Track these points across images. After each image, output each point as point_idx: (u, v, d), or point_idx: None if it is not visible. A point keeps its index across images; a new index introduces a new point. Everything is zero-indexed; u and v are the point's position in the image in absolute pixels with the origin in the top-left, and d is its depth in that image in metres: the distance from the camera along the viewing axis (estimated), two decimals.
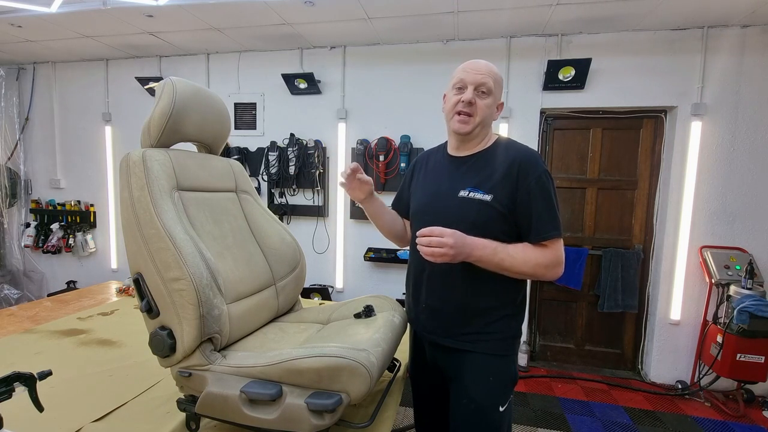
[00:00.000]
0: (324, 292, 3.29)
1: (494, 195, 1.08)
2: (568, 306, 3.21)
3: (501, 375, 1.14)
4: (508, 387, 1.15)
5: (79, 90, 3.84)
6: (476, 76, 1.10)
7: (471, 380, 1.13)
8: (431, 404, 1.32)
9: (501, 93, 1.17)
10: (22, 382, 0.83)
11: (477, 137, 1.16)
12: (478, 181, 1.11)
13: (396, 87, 3.19)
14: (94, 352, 1.58)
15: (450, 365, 1.18)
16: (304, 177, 3.31)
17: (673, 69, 2.77)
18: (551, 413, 2.52)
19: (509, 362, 1.15)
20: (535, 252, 1.08)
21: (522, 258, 1.06)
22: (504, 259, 1.05)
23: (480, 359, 1.12)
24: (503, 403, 1.13)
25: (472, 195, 1.10)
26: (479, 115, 1.11)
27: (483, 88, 1.10)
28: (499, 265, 1.06)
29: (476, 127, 1.12)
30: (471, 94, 1.10)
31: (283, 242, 1.41)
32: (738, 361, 2.47)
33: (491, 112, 1.14)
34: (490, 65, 1.14)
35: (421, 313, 1.22)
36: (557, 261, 1.09)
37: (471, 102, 1.10)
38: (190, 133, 1.18)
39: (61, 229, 3.89)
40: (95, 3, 2.66)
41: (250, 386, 0.94)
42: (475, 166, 1.15)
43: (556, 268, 1.10)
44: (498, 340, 1.13)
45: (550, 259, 1.08)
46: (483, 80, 1.10)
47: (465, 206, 1.10)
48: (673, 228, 2.85)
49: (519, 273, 1.08)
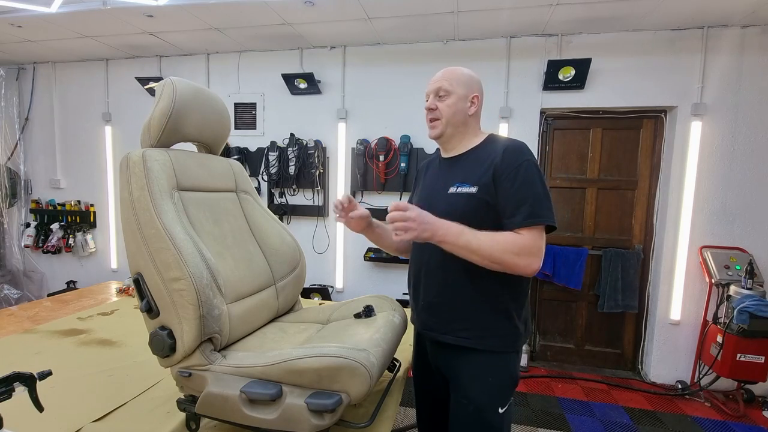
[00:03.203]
0: (324, 292, 3.29)
1: (479, 186, 1.09)
2: (568, 306, 3.21)
3: (500, 375, 1.12)
4: (508, 388, 1.13)
5: (79, 90, 3.84)
6: (432, 86, 1.20)
7: (469, 380, 1.12)
8: (433, 405, 1.31)
9: (468, 88, 1.18)
10: (22, 382, 0.83)
11: (455, 136, 1.20)
12: (464, 176, 1.13)
13: (396, 87, 3.19)
14: (94, 352, 1.58)
15: (449, 363, 1.17)
16: (304, 177, 3.31)
17: (673, 69, 2.77)
18: (551, 413, 2.52)
19: (509, 362, 1.13)
20: (506, 237, 1.02)
21: (489, 242, 1.00)
22: (470, 241, 1.00)
23: (478, 357, 1.11)
24: (503, 405, 1.11)
25: (460, 190, 1.12)
26: (444, 115, 1.17)
27: (440, 92, 1.18)
28: (466, 247, 1.01)
29: (446, 127, 1.18)
30: (430, 101, 1.20)
31: (283, 242, 1.41)
32: (738, 361, 2.47)
33: (457, 108, 1.17)
34: (449, 69, 1.20)
35: (421, 311, 1.22)
36: (529, 250, 1.01)
37: (432, 108, 1.19)
38: (190, 133, 1.18)
39: (61, 229, 3.89)
40: (95, 3, 2.66)
41: (250, 386, 0.94)
42: (465, 164, 1.17)
43: (529, 258, 1.01)
44: (495, 338, 1.11)
45: (521, 246, 1.00)
46: (437, 85, 1.18)
47: (453, 201, 1.12)
48: (673, 228, 2.85)
49: (487, 259, 1.01)
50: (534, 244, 1.02)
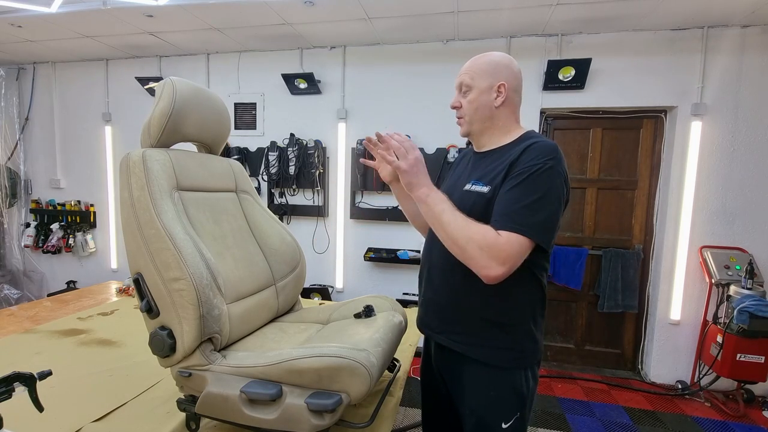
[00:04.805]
0: (324, 292, 3.29)
1: (492, 186, 1.01)
2: (568, 306, 3.21)
3: (502, 390, 1.04)
4: (513, 404, 1.05)
5: (79, 90, 3.84)
6: (456, 81, 1.14)
7: (469, 391, 1.08)
8: (437, 409, 1.29)
9: (493, 77, 1.08)
10: (22, 382, 0.83)
11: (484, 132, 1.12)
12: (482, 173, 1.07)
13: (396, 87, 3.19)
14: (94, 352, 1.58)
15: (450, 369, 1.14)
16: (304, 177, 3.31)
17: (673, 69, 2.77)
18: (551, 413, 2.52)
19: (515, 377, 1.04)
20: (480, 228, 0.92)
21: (461, 223, 0.94)
22: (445, 211, 0.96)
23: (479, 369, 1.05)
24: (507, 421, 1.04)
25: (473, 188, 1.06)
26: (466, 113, 1.12)
27: (463, 87, 1.12)
28: (438, 217, 0.97)
29: (470, 125, 1.12)
30: (455, 98, 1.14)
31: (283, 242, 1.41)
32: (738, 361, 2.47)
33: (480, 103, 1.08)
34: (473, 59, 1.13)
35: (420, 306, 1.21)
36: (497, 252, 0.89)
37: (455, 106, 1.14)
38: (190, 133, 1.18)
39: (61, 229, 3.89)
40: (95, 3, 2.66)
41: (250, 386, 0.94)
42: (487, 161, 1.10)
43: (492, 261, 0.89)
44: (498, 349, 1.03)
45: (490, 244, 0.89)
46: (461, 80, 1.12)
47: (464, 199, 1.06)
48: (673, 228, 2.85)
49: (450, 239, 0.95)
50: (506, 249, 0.89)
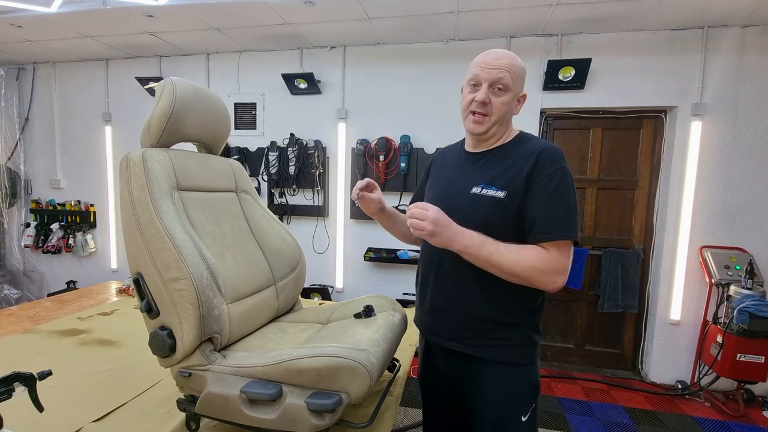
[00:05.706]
0: (324, 292, 3.29)
1: (508, 191, 0.99)
2: (568, 306, 3.21)
3: (520, 384, 1.06)
4: (529, 396, 1.07)
5: (79, 90, 3.84)
6: (491, 73, 1.00)
7: (488, 390, 1.06)
8: (441, 412, 1.27)
9: (522, 84, 1.05)
10: (22, 382, 0.83)
11: (495, 136, 1.08)
12: (492, 176, 1.03)
13: (396, 87, 3.19)
14: (94, 352, 1.58)
15: (464, 374, 1.11)
16: (304, 177, 3.31)
17: (673, 69, 2.77)
18: (551, 413, 2.52)
19: (529, 371, 1.07)
20: (532, 253, 0.95)
21: (514, 256, 0.94)
22: (492, 253, 0.94)
23: (496, 368, 1.05)
24: (525, 413, 1.06)
25: (485, 192, 1.02)
26: (495, 114, 1.02)
27: (499, 84, 1.00)
28: (488, 260, 0.95)
29: (492, 126, 1.04)
30: (485, 93, 1.01)
31: (283, 242, 1.41)
32: (738, 361, 2.47)
33: (510, 108, 1.04)
34: (510, 56, 1.03)
35: (425, 313, 1.17)
36: (557, 268, 0.95)
37: (485, 102, 1.01)
38: (190, 133, 1.18)
39: (61, 229, 3.89)
40: (95, 3, 2.66)
41: (250, 386, 0.94)
42: (491, 162, 1.06)
43: (555, 276, 0.96)
44: (512, 347, 1.05)
45: (548, 264, 0.94)
46: (498, 76, 1.00)
47: (476, 203, 1.02)
48: (673, 228, 2.85)
49: (510, 273, 0.96)
50: (561, 261, 0.96)
